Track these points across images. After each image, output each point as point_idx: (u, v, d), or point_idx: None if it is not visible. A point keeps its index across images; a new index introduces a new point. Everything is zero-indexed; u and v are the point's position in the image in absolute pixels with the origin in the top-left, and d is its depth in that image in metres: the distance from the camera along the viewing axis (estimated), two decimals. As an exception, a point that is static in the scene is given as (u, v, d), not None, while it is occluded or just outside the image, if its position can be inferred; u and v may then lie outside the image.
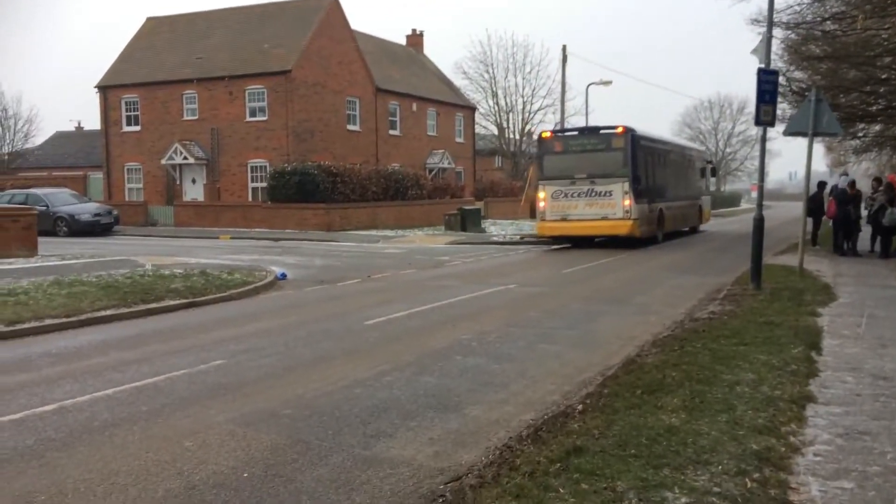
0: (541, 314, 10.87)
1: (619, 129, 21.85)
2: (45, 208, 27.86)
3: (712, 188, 41.21)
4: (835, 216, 18.75)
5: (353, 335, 9.39)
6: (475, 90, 54.85)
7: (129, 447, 5.36)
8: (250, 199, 34.78)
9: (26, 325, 9.78)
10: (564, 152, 22.54)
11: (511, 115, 55.21)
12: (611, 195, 21.50)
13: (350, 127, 37.63)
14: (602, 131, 22.46)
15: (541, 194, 22.72)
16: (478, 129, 52.50)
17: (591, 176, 21.72)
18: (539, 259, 20.22)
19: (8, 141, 53.42)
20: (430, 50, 66.32)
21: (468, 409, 6.21)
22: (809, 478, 4.40)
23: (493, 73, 55.01)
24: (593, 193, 21.71)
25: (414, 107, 42.69)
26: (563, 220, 22.20)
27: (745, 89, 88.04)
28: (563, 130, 23.16)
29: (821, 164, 63.96)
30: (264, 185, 33.38)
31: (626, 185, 21.41)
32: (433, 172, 43.06)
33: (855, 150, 37.16)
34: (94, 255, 18.96)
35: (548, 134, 23.98)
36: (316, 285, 14.45)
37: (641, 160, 22.30)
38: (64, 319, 10.21)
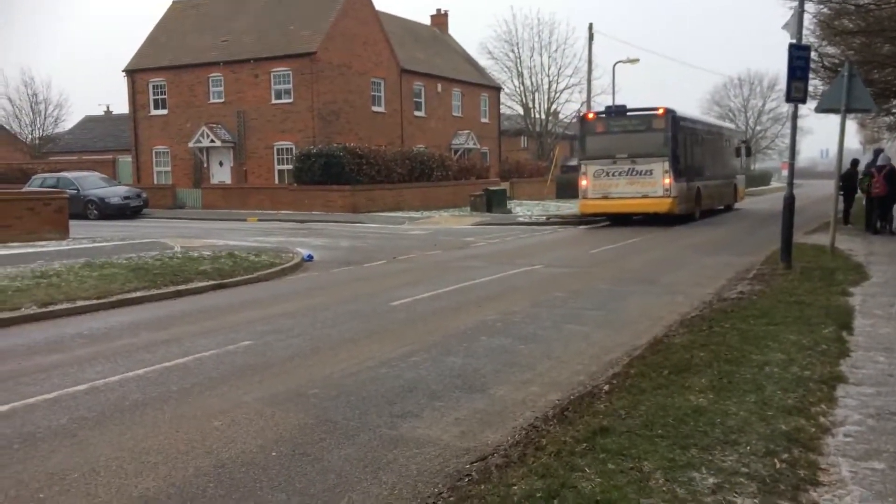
0: (567, 294, 10.83)
1: (660, 111, 22.34)
2: (75, 192, 28.20)
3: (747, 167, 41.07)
4: (885, 194, 18.22)
5: (380, 316, 9.43)
6: (500, 70, 54.50)
7: (160, 426, 5.44)
8: (276, 181, 34.95)
9: (59, 307, 9.94)
10: (606, 133, 23.06)
11: (537, 94, 54.81)
12: (651, 174, 22.07)
13: (375, 108, 37.58)
14: (643, 112, 22.82)
15: (583, 173, 23.31)
16: (503, 110, 52.22)
17: (632, 155, 22.30)
18: (566, 239, 20.13)
19: (38, 125, 54.16)
20: (455, 30, 66.01)
21: (494, 390, 6.21)
22: (839, 458, 4.35)
23: (519, 52, 54.59)
24: (634, 172, 22.29)
25: (439, 87, 42.51)
26: (605, 198, 22.84)
27: (776, 65, 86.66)
28: (606, 111, 23.55)
29: (853, 142, 62.86)
30: (290, 167, 33.51)
31: (667, 165, 21.94)
32: (458, 153, 42.93)
33: (889, 126, 36.48)
34: (123, 237, 19.21)
35: (591, 115, 24.48)
36: (342, 267, 14.52)
37: (681, 140, 22.81)
38: (95, 301, 10.37)
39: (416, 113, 40.84)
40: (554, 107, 55.16)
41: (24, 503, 4.23)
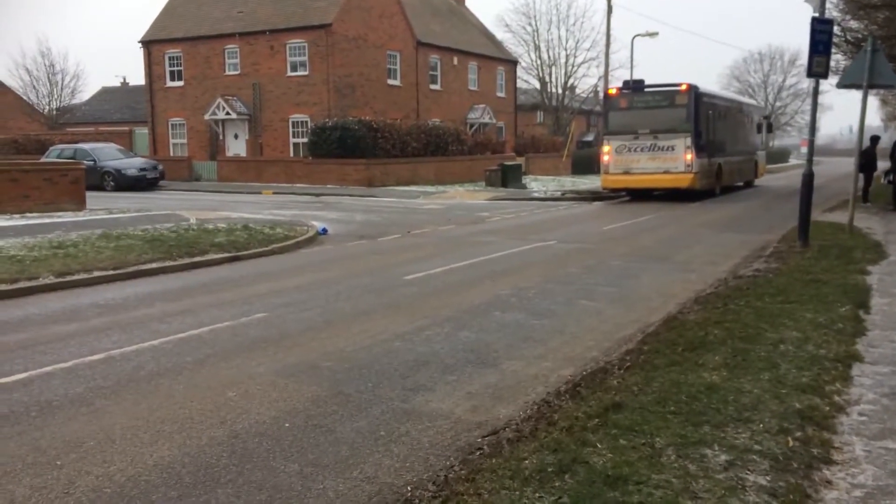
0: (581, 270, 10.80)
1: (683, 87, 22.36)
2: (92, 163, 28.33)
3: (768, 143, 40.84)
4: None
5: (393, 290, 9.44)
6: (517, 43, 54.05)
7: (174, 396, 5.49)
8: (292, 154, 34.95)
9: (75, 277, 10.02)
10: (629, 108, 23.08)
11: (553, 68, 54.32)
12: (673, 150, 22.14)
13: (391, 81, 37.39)
14: (666, 88, 22.82)
15: (605, 148, 23.45)
16: (519, 84, 51.81)
17: (654, 131, 22.39)
18: (581, 215, 20.04)
19: (56, 96, 54.29)
20: (472, 2, 65.32)
21: (506, 365, 6.22)
22: (853, 437, 4.33)
23: (536, 25, 54.09)
24: (656, 148, 22.40)
25: (455, 61, 42.20)
26: (626, 173, 22.96)
27: (798, 40, 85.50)
28: (625, 86, 23.38)
29: (875, 118, 62.03)
30: (306, 140, 33.48)
31: (689, 140, 21.99)
32: (474, 128, 42.71)
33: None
34: (140, 209, 19.31)
35: (613, 90, 24.42)
36: (356, 240, 14.53)
37: (703, 116, 22.83)
38: (111, 272, 10.45)
39: (432, 86, 40.61)
40: (571, 81, 54.73)
41: (42, 469, 4.29)
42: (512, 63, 49.24)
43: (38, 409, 5.25)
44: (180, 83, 37.61)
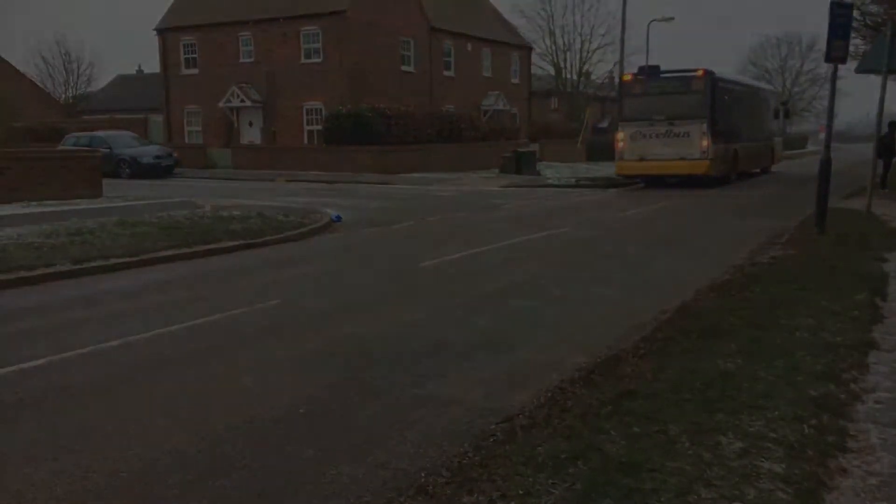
0: (595, 257, 10.77)
1: (699, 72, 22.13)
2: (108, 151, 28.44)
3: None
4: None
5: (407, 277, 9.46)
6: (532, 29, 53.81)
7: (190, 382, 5.54)
8: (306, 141, 34.97)
9: (92, 264, 10.09)
10: (645, 94, 22.85)
11: (568, 54, 54.10)
12: (689, 136, 21.92)
13: (404, 68, 37.27)
14: (682, 74, 22.57)
15: (620, 135, 23.25)
16: (534, 70, 51.55)
17: (670, 117, 22.15)
18: (595, 202, 19.96)
19: (72, 84, 54.57)
20: (486, -12, 64.79)
21: (520, 351, 6.22)
22: (869, 425, 4.30)
23: (551, 10, 53.95)
24: (671, 134, 22.17)
25: (469, 47, 41.99)
26: (641, 160, 22.75)
27: (816, 25, 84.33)
28: (640, 72, 23.20)
29: (894, 104, 61.17)
30: (320, 127, 33.49)
31: (705, 127, 21.76)
32: (488, 114, 42.55)
33: (932, 88, 35.35)
34: (155, 196, 19.40)
35: (628, 76, 24.22)
36: (370, 227, 14.55)
37: (719, 102, 22.57)
38: (128, 259, 10.51)
39: (446, 73, 40.44)
40: (586, 67, 54.51)
41: (59, 454, 4.34)
42: (526, 49, 48.96)
43: (56, 393, 5.31)
44: (195, 71, 37.68)
